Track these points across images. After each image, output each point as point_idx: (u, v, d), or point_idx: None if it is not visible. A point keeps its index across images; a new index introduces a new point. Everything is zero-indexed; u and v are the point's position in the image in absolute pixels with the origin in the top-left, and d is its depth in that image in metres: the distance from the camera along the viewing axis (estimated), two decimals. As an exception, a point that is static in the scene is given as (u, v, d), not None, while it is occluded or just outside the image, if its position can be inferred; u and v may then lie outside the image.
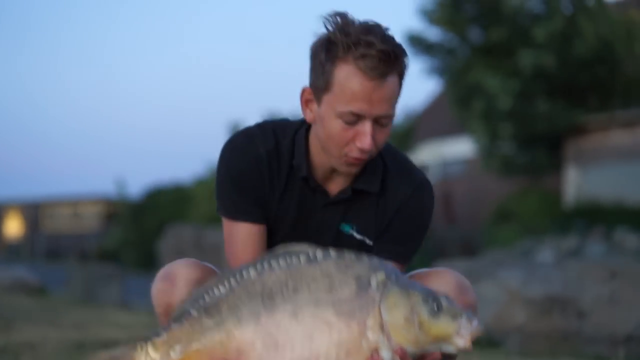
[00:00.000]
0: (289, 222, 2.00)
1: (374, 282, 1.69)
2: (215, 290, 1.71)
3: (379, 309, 1.67)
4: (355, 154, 1.90)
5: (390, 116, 1.93)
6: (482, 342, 5.24)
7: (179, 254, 10.17)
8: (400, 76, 1.94)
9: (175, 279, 1.90)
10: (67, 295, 10.42)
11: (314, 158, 2.00)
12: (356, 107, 1.87)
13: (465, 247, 15.98)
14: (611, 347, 5.18)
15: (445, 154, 21.39)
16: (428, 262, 8.15)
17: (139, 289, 10.98)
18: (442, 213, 18.98)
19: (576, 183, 15.21)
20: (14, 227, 36.34)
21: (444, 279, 2.00)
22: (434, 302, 1.69)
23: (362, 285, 1.69)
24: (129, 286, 10.71)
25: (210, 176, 19.42)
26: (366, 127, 1.88)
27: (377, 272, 1.71)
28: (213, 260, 2.05)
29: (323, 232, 2.01)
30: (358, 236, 2.01)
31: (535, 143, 15.26)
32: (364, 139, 1.88)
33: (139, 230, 20.97)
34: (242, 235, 1.95)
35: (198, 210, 18.78)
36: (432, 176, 20.33)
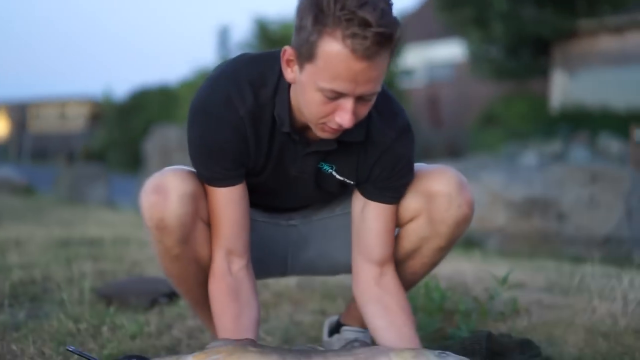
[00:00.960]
0: (270, 167, 1.95)
1: None
2: None
3: None
4: (333, 125, 1.78)
5: (375, 93, 1.76)
6: (463, 242, 5.33)
7: (164, 154, 10.19)
8: (392, 52, 1.74)
9: (167, 192, 1.84)
10: (53, 195, 10.47)
11: (296, 112, 1.88)
12: (340, 86, 1.70)
13: (450, 150, 16.06)
14: (589, 248, 5.28)
15: (432, 57, 21.25)
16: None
17: (124, 189, 11.05)
18: (428, 116, 18.98)
19: (563, 88, 15.20)
20: (0, 127, 36.17)
21: (445, 177, 2.01)
22: None
23: None
24: (114, 186, 10.77)
25: (196, 78, 19.32)
26: (348, 104, 1.73)
27: None
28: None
29: (305, 172, 1.96)
30: (338, 176, 1.98)
31: (524, 48, 15.18)
32: (345, 115, 1.74)
33: (125, 130, 20.95)
34: (223, 200, 1.89)
35: (183, 111, 18.70)
36: (419, 80, 20.24)
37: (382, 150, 1.94)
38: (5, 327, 2.58)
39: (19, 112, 35.56)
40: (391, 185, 1.97)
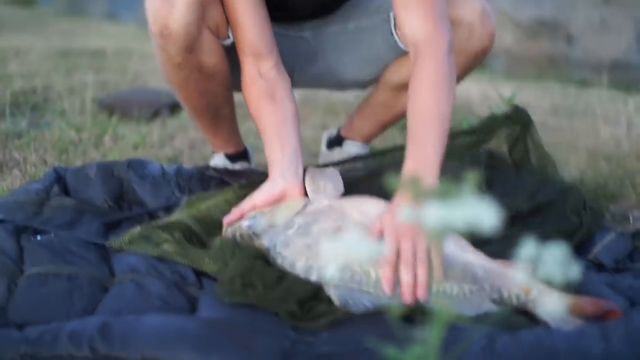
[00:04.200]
0: None
1: None
2: None
3: None
4: None
5: None
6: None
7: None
8: None
9: None
10: (52, 6, 10.25)
11: None
12: None
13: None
14: (596, 72, 5.21)
15: None
16: None
17: (127, 1, 10.81)
18: None
19: None
20: None
21: (470, 5, 1.91)
22: None
23: None
24: (116, -2, 10.52)
25: None
26: None
27: None
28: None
29: None
30: None
31: None
32: None
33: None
34: (241, 3, 1.80)
35: None
36: None
37: None
38: (7, 135, 2.57)
39: None
40: None
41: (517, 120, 2.02)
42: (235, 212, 1.67)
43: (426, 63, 1.66)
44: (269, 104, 1.83)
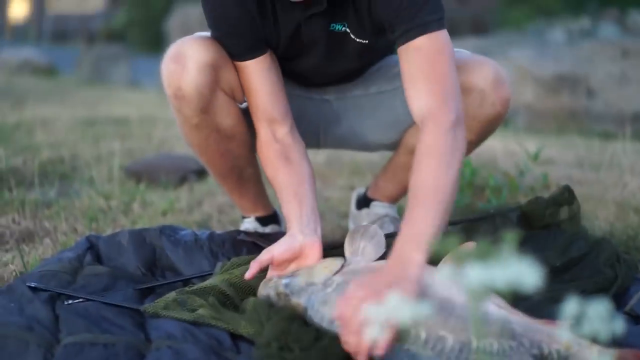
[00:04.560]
0: (284, 38, 1.86)
1: None
2: None
3: None
4: None
5: None
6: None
7: (186, 32, 10.03)
8: None
9: (185, 60, 1.81)
10: (75, 76, 10.44)
11: None
12: None
13: (475, 27, 15.75)
14: (619, 124, 5.21)
15: None
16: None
17: (147, 69, 10.98)
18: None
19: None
20: (18, 7, 35.83)
21: (482, 70, 1.91)
22: None
23: None
24: (137, 66, 10.71)
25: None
26: None
27: None
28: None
29: (315, 37, 1.86)
30: (353, 36, 1.85)
31: None
32: None
33: (146, 9, 20.71)
34: (252, 72, 1.84)
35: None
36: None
37: None
38: (37, 205, 2.60)
39: (38, -7, 35.14)
40: (407, 21, 1.72)
41: (563, 202, 2.02)
42: (254, 266, 1.66)
43: (427, 137, 1.61)
44: (285, 166, 1.83)
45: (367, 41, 1.87)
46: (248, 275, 1.66)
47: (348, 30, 1.86)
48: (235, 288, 1.70)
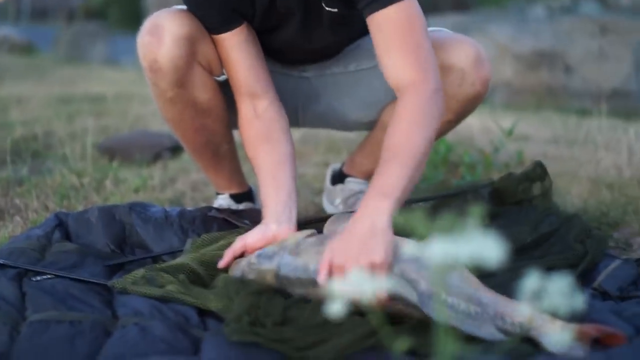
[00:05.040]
0: (259, 10, 1.83)
1: None
2: None
3: None
4: None
5: None
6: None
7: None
8: None
9: (161, 33, 1.79)
10: (53, 54, 10.34)
11: None
12: None
13: (456, 3, 15.68)
14: (596, 101, 5.23)
15: None
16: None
17: (125, 46, 10.88)
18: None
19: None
20: (-4, -15, 35.43)
21: (462, 50, 1.91)
22: None
23: None
24: (115, 44, 10.61)
25: None
26: None
27: None
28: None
29: (290, 7, 1.83)
30: (326, 7, 1.83)
31: None
32: None
33: (125, -13, 20.52)
34: (230, 45, 1.82)
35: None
36: None
37: None
38: (9, 182, 2.58)
39: (16, -30, 34.75)
40: None
41: (535, 178, 2.02)
42: (228, 254, 1.67)
43: (406, 102, 1.63)
44: (265, 146, 1.83)
45: (336, 10, 1.84)
46: (221, 264, 1.67)
47: (323, 3, 1.84)
48: (206, 267, 1.69)
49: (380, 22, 1.68)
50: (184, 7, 1.85)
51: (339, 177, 2.39)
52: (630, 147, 3.04)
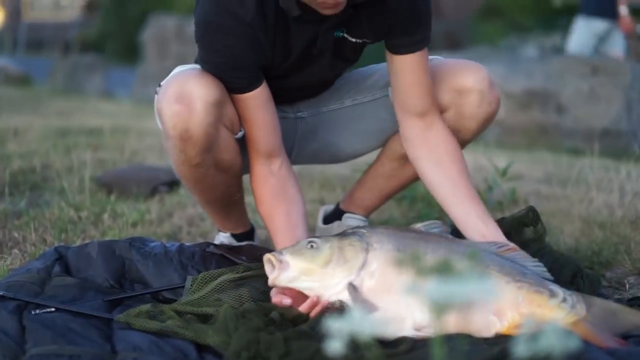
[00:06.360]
0: (294, 57, 1.86)
1: None
2: None
3: None
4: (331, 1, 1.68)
5: None
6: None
7: (162, 44, 10.07)
8: None
9: (192, 101, 1.75)
10: (49, 86, 10.38)
11: None
12: None
13: (449, 42, 15.83)
14: (588, 140, 5.28)
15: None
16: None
17: (121, 79, 10.97)
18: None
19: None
20: (-7, 16, 35.59)
21: (477, 73, 2.00)
22: None
23: None
24: (111, 77, 10.67)
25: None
26: None
27: None
28: (194, 51, 1.92)
29: (325, 47, 1.88)
30: (351, 39, 1.88)
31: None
32: None
33: (121, 20, 20.63)
34: (253, 105, 1.84)
35: (180, 0, 18.40)
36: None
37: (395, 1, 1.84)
38: (7, 214, 2.60)
39: (13, 1, 34.93)
40: (413, 33, 1.87)
41: (528, 223, 2.05)
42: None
43: (440, 134, 1.94)
44: (282, 206, 1.87)
45: (362, 40, 1.91)
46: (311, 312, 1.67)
47: (346, 35, 1.89)
48: (207, 305, 1.71)
49: (413, 62, 1.89)
50: (197, 67, 1.85)
51: (335, 215, 2.41)
52: (621, 187, 3.08)
